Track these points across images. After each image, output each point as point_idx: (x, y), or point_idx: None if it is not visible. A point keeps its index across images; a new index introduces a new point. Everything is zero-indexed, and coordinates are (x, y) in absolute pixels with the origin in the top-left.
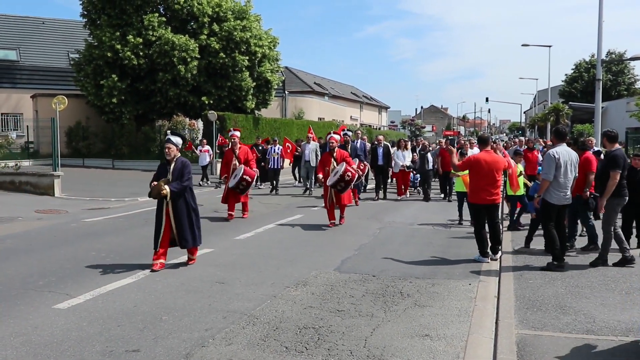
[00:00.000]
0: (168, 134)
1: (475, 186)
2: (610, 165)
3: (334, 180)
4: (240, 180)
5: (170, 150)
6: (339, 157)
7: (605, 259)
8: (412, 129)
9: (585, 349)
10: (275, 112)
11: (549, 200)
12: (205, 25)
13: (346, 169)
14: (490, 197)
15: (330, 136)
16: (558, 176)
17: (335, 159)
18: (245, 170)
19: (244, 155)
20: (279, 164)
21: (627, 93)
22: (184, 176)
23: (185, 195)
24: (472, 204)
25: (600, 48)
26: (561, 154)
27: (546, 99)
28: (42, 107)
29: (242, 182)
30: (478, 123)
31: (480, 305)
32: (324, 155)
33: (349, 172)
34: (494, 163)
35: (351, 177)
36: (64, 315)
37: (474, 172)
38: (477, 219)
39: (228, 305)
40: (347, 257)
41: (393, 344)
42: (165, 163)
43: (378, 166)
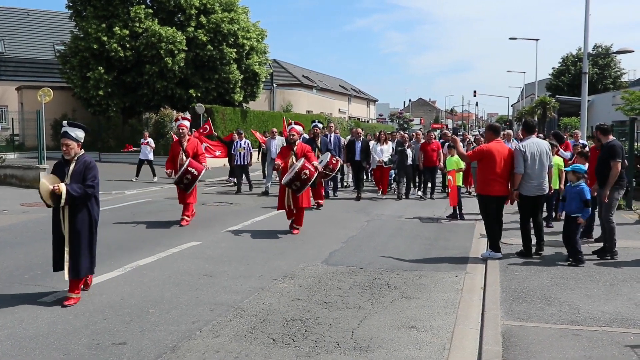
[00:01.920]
0: (64, 126)
1: (486, 177)
2: (610, 155)
3: (288, 178)
4: (183, 172)
5: (70, 147)
6: (300, 152)
7: (614, 250)
8: (400, 121)
9: (569, 340)
10: (263, 105)
11: (521, 192)
12: (193, 17)
13: (303, 165)
14: (501, 189)
15: (291, 127)
16: (526, 168)
17: (295, 154)
18: (191, 162)
19: (193, 148)
20: (247, 160)
21: (613, 87)
22: (87, 180)
23: (88, 205)
24: (482, 195)
25: (586, 42)
26: (528, 146)
27: (533, 92)
28: (27, 99)
29: (187, 175)
30: (466, 116)
31: (466, 296)
32: (283, 149)
33: (307, 169)
34: (505, 154)
35: (309, 175)
36: (50, 308)
37: (485, 163)
38: (487, 211)
39: (215, 298)
40: (335, 250)
41: (380, 335)
42: (63, 162)
43: (355, 162)
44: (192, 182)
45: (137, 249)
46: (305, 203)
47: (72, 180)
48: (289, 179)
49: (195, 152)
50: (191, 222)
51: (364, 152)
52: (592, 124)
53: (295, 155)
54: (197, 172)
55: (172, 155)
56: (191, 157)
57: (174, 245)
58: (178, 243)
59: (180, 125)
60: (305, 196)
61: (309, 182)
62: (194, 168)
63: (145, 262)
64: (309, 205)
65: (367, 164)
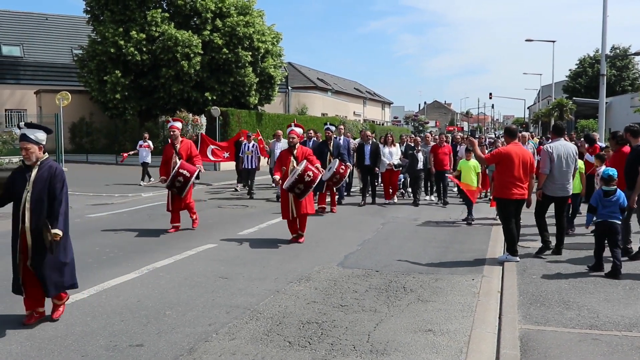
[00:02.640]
0: (22, 128)
1: (504, 181)
2: (638, 159)
3: (291, 182)
4: (175, 175)
5: (30, 151)
6: (300, 155)
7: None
8: (415, 124)
9: (588, 344)
10: (278, 108)
11: (544, 191)
12: (209, 21)
13: (306, 167)
14: (520, 192)
15: (291, 129)
16: (552, 169)
17: (295, 157)
18: (182, 164)
19: (187, 150)
20: (254, 164)
21: (631, 88)
22: (56, 191)
23: None
24: (500, 199)
25: (604, 43)
26: (556, 148)
27: (550, 94)
28: (45, 103)
29: (179, 177)
30: (481, 119)
31: (483, 300)
32: (282, 153)
33: (310, 171)
34: (524, 156)
35: (312, 177)
36: (68, 310)
37: (503, 165)
38: (505, 215)
39: (231, 300)
40: (351, 253)
41: (396, 338)
42: (24, 168)
43: (364, 166)
44: (185, 185)
45: (154, 251)
46: (309, 209)
47: (34, 188)
48: (292, 182)
49: (189, 154)
50: (207, 225)
51: (373, 156)
52: (609, 126)
53: (296, 159)
54: (189, 174)
55: (165, 159)
56: (184, 160)
57: (190, 248)
58: (194, 245)
59: (172, 127)
60: (309, 202)
61: (313, 184)
62: (185, 170)
63: (162, 264)
64: (313, 212)
65: (377, 168)
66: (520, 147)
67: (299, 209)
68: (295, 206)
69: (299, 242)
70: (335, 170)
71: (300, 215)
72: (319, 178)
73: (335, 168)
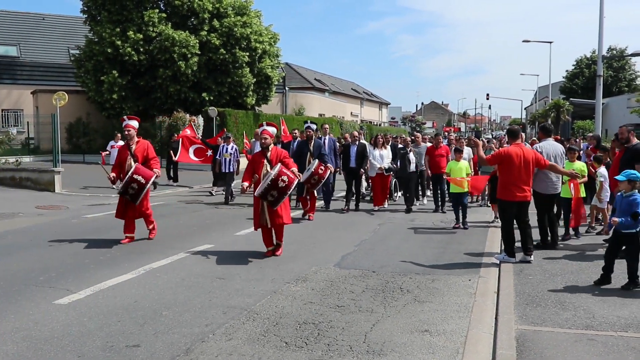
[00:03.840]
0: None
1: (506, 182)
2: (636, 158)
3: (263, 188)
4: (129, 180)
5: None
6: (274, 158)
7: None
8: (412, 125)
9: (584, 344)
10: (275, 109)
11: (536, 189)
12: (206, 21)
13: (280, 171)
14: (522, 194)
15: (263, 129)
16: None
17: (269, 160)
18: (137, 169)
19: (143, 152)
20: (232, 167)
21: (628, 89)
22: None
23: None
24: (502, 200)
25: (601, 44)
26: (544, 147)
27: (547, 95)
28: (42, 103)
29: (132, 183)
30: (479, 119)
31: (479, 300)
32: (255, 156)
33: (285, 175)
34: (526, 157)
35: (287, 183)
36: (65, 310)
37: (505, 167)
38: (505, 216)
39: (228, 301)
40: (347, 253)
41: (393, 339)
42: None
43: (349, 169)
44: (139, 192)
45: (151, 251)
46: (286, 219)
47: None
48: (264, 188)
49: (145, 156)
50: (204, 225)
51: (360, 158)
52: (606, 127)
53: (270, 162)
54: (144, 180)
55: (119, 161)
56: (140, 162)
57: (187, 248)
58: (191, 246)
59: (127, 127)
60: (285, 210)
61: (288, 190)
62: (140, 175)
63: (159, 265)
64: (289, 222)
65: (363, 172)
66: (522, 147)
67: (273, 218)
68: (270, 215)
69: (276, 255)
70: (313, 170)
71: (276, 225)
72: (295, 183)
73: (314, 168)
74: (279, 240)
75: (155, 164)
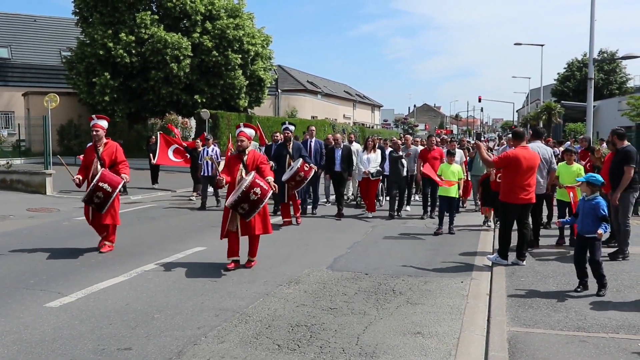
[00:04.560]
0: None
1: (511, 184)
2: (624, 161)
3: (234, 199)
4: (94, 189)
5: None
6: (251, 163)
7: (625, 252)
8: (405, 127)
9: (576, 346)
10: (268, 111)
11: None
12: (198, 23)
13: (253, 182)
14: (527, 196)
15: (240, 131)
16: None
17: (245, 165)
18: (103, 175)
19: (111, 155)
20: (214, 171)
21: (618, 92)
22: None
23: None
24: (507, 203)
25: (592, 47)
26: (534, 149)
27: (538, 97)
28: (33, 105)
29: (98, 192)
30: (471, 122)
31: (472, 302)
32: (231, 159)
33: (257, 187)
34: (532, 160)
35: (260, 196)
36: (56, 313)
37: (511, 169)
38: (507, 219)
39: (220, 304)
40: (340, 255)
41: (385, 341)
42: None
43: (334, 172)
44: (106, 201)
45: (142, 254)
46: (264, 228)
47: None
48: (234, 200)
49: (113, 159)
50: (196, 228)
51: (345, 161)
52: (597, 129)
53: (245, 168)
54: (110, 189)
55: (85, 164)
56: (107, 166)
57: (179, 251)
58: (183, 248)
59: (95, 127)
60: (258, 221)
61: (260, 203)
62: (106, 183)
63: (151, 268)
64: (267, 232)
65: (349, 176)
66: (528, 150)
67: (247, 228)
68: (242, 224)
69: (246, 267)
70: (298, 167)
71: (250, 235)
72: (270, 194)
73: (299, 166)
74: (251, 255)
75: (123, 168)
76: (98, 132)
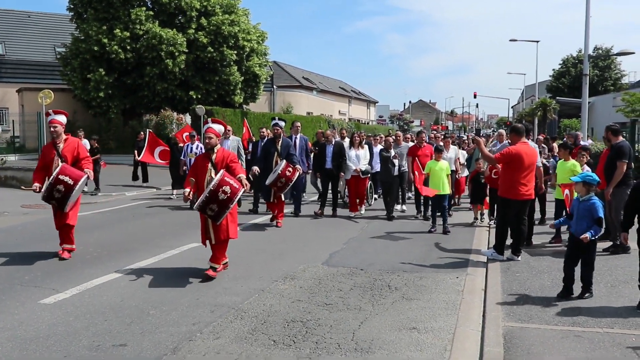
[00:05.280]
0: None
1: (511, 180)
2: (617, 156)
3: (201, 201)
4: (54, 182)
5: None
6: (220, 161)
7: (625, 246)
8: (400, 123)
9: (571, 341)
10: (263, 107)
11: None
12: (193, 19)
13: (222, 181)
14: (528, 192)
15: (207, 127)
16: None
17: (213, 164)
18: (63, 168)
19: (72, 152)
20: None
21: (613, 88)
22: None
23: None
24: (507, 199)
25: (587, 43)
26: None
27: (534, 94)
28: (28, 101)
29: (58, 185)
30: (466, 118)
31: (467, 298)
32: (198, 159)
33: (227, 185)
34: (532, 156)
35: (230, 195)
36: (50, 310)
37: (513, 165)
38: (506, 214)
39: (216, 300)
40: (336, 251)
41: (381, 336)
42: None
43: (326, 170)
44: (67, 196)
45: (137, 250)
46: (231, 233)
47: None
48: (202, 201)
49: (75, 156)
50: (191, 224)
51: (337, 159)
52: (592, 125)
53: (214, 167)
54: (72, 182)
55: (44, 163)
56: (69, 164)
57: (174, 247)
58: (178, 244)
59: (53, 122)
60: (230, 223)
61: (231, 203)
62: (67, 176)
63: (146, 264)
64: (235, 237)
65: (341, 173)
66: (528, 146)
67: (217, 233)
68: (214, 230)
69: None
70: (280, 172)
71: (219, 241)
72: (241, 193)
73: (281, 170)
74: (215, 262)
75: (86, 164)
76: (56, 128)
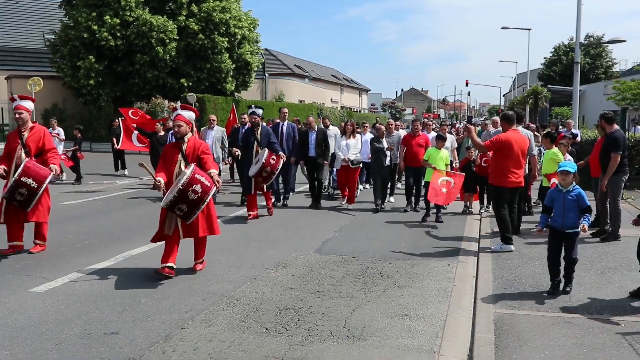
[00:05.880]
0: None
1: (501, 168)
2: (611, 146)
3: (169, 199)
4: (15, 185)
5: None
6: (191, 152)
7: (617, 234)
8: (392, 111)
9: (561, 327)
10: (255, 95)
11: None
12: (184, 6)
13: (192, 178)
14: (518, 179)
15: (177, 114)
16: None
17: (184, 156)
18: (25, 168)
19: (37, 141)
20: None
21: (604, 76)
22: None
23: None
24: (498, 187)
25: (579, 31)
26: None
27: (525, 82)
28: (17, 88)
29: (20, 188)
30: (458, 106)
31: (458, 285)
32: (167, 148)
33: (198, 184)
34: (522, 143)
35: (200, 194)
36: (42, 298)
37: (502, 153)
38: (501, 202)
39: (208, 287)
40: (328, 239)
41: (373, 324)
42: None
43: (308, 158)
44: (31, 198)
45: (129, 238)
46: (204, 229)
47: None
48: (170, 200)
49: (40, 147)
50: None
51: (320, 146)
52: (583, 113)
53: (185, 158)
54: (35, 184)
55: (7, 151)
56: (34, 154)
57: None
58: None
59: (18, 108)
60: (208, 218)
61: (202, 203)
62: (31, 178)
63: (137, 252)
64: (214, 232)
65: (325, 161)
66: (519, 134)
67: (189, 229)
68: (183, 226)
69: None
70: (264, 162)
71: (196, 238)
72: (213, 192)
73: (265, 159)
74: (197, 257)
75: (52, 158)
76: (22, 114)
